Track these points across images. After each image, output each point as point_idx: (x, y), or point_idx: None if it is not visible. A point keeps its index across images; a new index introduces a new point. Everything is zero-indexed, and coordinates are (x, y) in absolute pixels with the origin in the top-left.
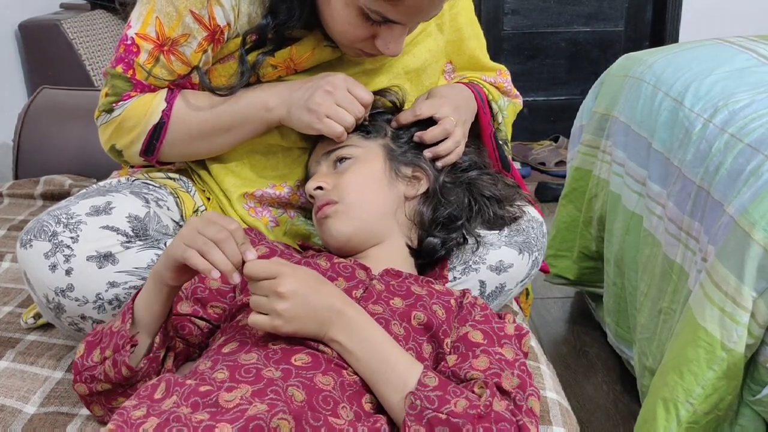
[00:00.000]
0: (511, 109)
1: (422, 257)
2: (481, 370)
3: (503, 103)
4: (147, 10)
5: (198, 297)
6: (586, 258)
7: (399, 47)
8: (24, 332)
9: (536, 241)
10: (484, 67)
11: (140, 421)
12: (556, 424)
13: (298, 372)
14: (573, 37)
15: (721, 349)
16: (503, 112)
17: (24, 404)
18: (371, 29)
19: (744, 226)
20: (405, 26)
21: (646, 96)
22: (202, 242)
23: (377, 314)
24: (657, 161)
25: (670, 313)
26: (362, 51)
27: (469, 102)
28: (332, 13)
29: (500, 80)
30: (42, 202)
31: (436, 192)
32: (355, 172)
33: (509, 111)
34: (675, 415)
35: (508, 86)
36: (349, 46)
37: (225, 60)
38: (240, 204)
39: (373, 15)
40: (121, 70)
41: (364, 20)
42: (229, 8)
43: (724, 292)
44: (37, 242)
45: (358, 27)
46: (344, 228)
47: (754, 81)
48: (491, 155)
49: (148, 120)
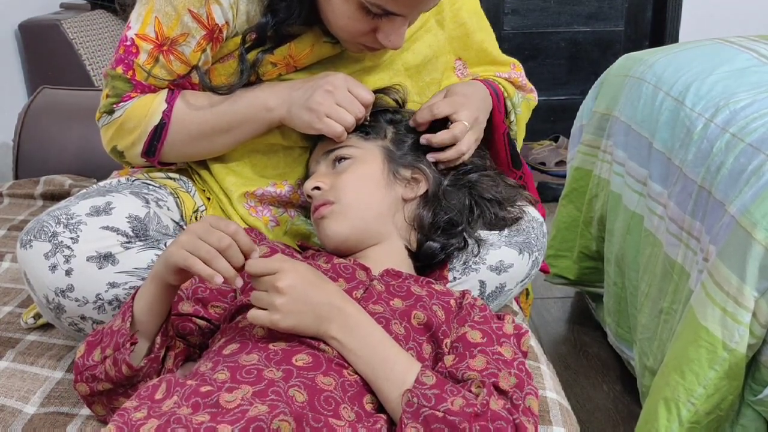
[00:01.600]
0: (524, 105)
1: (421, 260)
2: (478, 371)
3: (517, 100)
4: (146, 11)
5: (199, 297)
6: (586, 258)
7: (400, 39)
8: (24, 332)
9: (536, 241)
10: (496, 60)
11: (140, 422)
12: (556, 424)
13: (300, 372)
14: (573, 37)
15: (722, 349)
16: (516, 109)
17: (24, 404)
18: (372, 22)
19: (745, 226)
20: (406, 18)
21: (646, 96)
22: (205, 251)
23: (377, 314)
24: (658, 161)
25: (671, 313)
26: (364, 45)
27: (485, 101)
28: (332, 8)
29: (514, 75)
30: (42, 202)
31: (436, 195)
32: (353, 173)
33: (523, 107)
34: (676, 414)
35: (523, 80)
36: (351, 41)
37: (224, 59)
38: (240, 203)
39: (373, 8)
40: (121, 71)
41: (364, 14)
42: (227, 6)
43: (726, 291)
44: (37, 243)
45: (358, 21)
46: (340, 228)
47: (755, 81)
48: (502, 155)
49: (149, 121)
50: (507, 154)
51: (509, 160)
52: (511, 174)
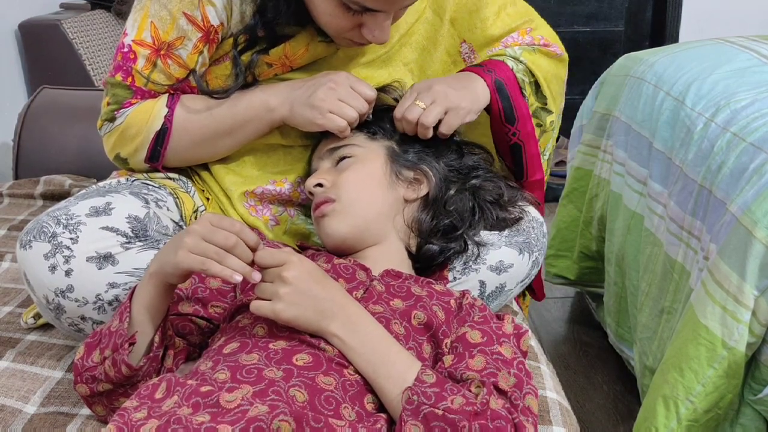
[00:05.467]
0: (550, 66)
1: (420, 263)
2: (477, 371)
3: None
4: (141, 16)
5: (199, 297)
6: (586, 258)
7: (385, 35)
8: (24, 332)
9: (536, 241)
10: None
11: (141, 422)
12: (556, 423)
13: (300, 372)
14: (573, 37)
15: (722, 348)
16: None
17: (24, 404)
18: (354, 19)
19: (746, 225)
20: (387, 13)
21: (647, 95)
22: (213, 252)
23: (378, 314)
24: (658, 160)
25: (672, 313)
26: (351, 41)
27: (468, 90)
28: (314, 6)
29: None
30: (42, 202)
31: (437, 198)
32: (355, 171)
33: (551, 68)
34: (675, 412)
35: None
36: (338, 37)
37: (220, 60)
38: (240, 203)
39: (352, 5)
40: (120, 78)
41: (344, 11)
42: (221, 7)
43: (726, 290)
44: (36, 243)
45: (340, 18)
46: (340, 227)
47: (755, 80)
48: (504, 154)
49: (150, 127)
50: (510, 158)
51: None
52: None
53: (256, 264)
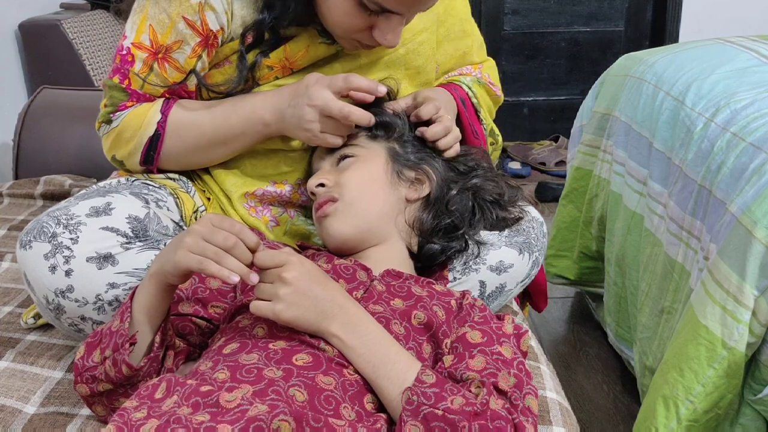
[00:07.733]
0: (490, 102)
1: (422, 262)
2: (477, 371)
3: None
4: (140, 19)
5: (199, 297)
6: (586, 258)
7: (396, 38)
8: (24, 332)
9: (536, 242)
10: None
11: (140, 422)
12: (556, 424)
13: (300, 372)
14: (573, 37)
15: (721, 348)
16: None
17: (24, 404)
18: (368, 20)
19: (746, 225)
20: (403, 16)
21: (647, 95)
22: (212, 252)
23: (378, 314)
24: (658, 160)
25: (672, 313)
26: (359, 43)
27: (451, 102)
28: (329, 3)
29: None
30: (42, 202)
31: (439, 198)
32: (357, 170)
33: (490, 103)
34: (675, 412)
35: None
36: (346, 38)
37: (220, 65)
38: (241, 204)
39: (371, 5)
40: (118, 81)
41: (361, 10)
42: (221, 12)
43: (726, 290)
44: (36, 243)
45: (355, 17)
46: (342, 228)
47: (755, 81)
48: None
49: (144, 132)
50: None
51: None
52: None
53: (255, 265)
